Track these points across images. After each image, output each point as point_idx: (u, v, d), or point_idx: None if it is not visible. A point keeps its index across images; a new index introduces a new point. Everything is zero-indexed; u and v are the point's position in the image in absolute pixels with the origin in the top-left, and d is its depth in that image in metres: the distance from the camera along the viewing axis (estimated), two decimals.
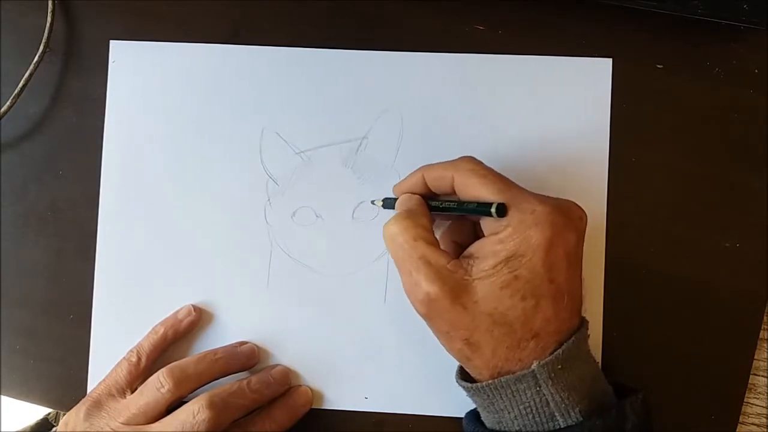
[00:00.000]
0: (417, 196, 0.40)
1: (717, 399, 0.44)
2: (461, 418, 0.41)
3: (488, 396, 0.36)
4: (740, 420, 0.44)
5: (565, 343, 0.35)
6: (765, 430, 0.44)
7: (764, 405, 0.44)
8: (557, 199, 0.37)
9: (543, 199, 0.36)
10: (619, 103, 0.45)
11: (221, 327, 0.46)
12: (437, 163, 0.39)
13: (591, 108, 0.45)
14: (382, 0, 0.46)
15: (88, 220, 0.46)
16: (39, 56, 0.46)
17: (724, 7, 0.41)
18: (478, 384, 0.36)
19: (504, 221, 0.35)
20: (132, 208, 0.46)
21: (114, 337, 0.46)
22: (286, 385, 0.45)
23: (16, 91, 0.46)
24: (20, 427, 0.48)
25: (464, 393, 0.38)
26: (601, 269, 0.44)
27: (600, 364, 0.44)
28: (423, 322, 0.37)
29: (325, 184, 0.46)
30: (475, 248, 0.36)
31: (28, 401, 0.47)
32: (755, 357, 0.44)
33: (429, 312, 0.36)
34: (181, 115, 0.46)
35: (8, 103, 0.46)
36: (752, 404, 0.44)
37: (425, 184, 0.39)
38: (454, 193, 0.38)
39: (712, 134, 0.44)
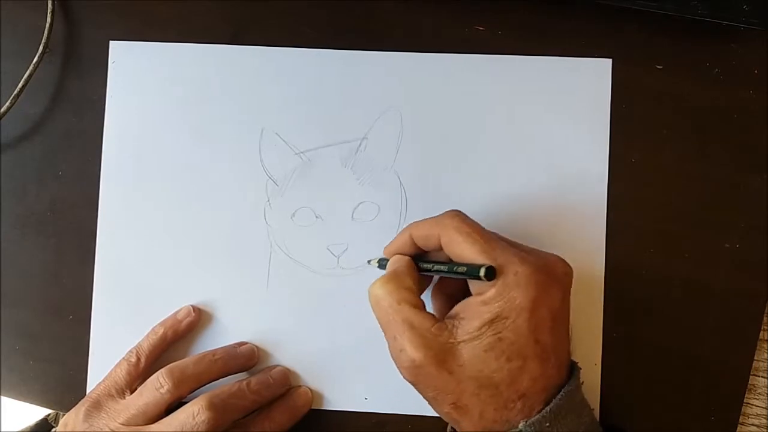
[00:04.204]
0: (406, 257, 0.39)
1: (717, 399, 0.44)
2: None
3: None
4: (740, 420, 0.44)
5: (553, 400, 0.35)
6: (765, 430, 0.44)
7: (764, 405, 0.44)
8: (541, 255, 0.37)
9: (525, 258, 0.35)
10: (619, 103, 0.45)
11: (221, 327, 0.45)
12: (424, 221, 0.39)
13: (591, 108, 0.45)
14: (382, 0, 0.46)
15: (88, 220, 0.46)
16: (39, 57, 0.46)
17: (724, 8, 0.41)
18: None
19: (489, 282, 0.35)
20: (132, 208, 0.46)
21: (113, 338, 0.45)
22: (285, 385, 0.44)
23: (15, 92, 0.46)
24: (20, 428, 0.48)
25: None
26: (601, 269, 0.44)
27: (600, 366, 0.44)
28: None
29: (325, 184, 0.46)
30: (460, 308, 0.36)
31: (27, 402, 0.47)
32: (755, 357, 0.44)
33: (415, 378, 0.36)
34: (180, 115, 0.46)
35: (8, 104, 0.46)
36: (752, 405, 0.44)
37: (413, 243, 0.39)
38: (442, 248, 0.38)
39: (711, 134, 0.44)
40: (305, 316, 0.45)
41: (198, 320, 0.45)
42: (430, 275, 0.40)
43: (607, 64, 0.45)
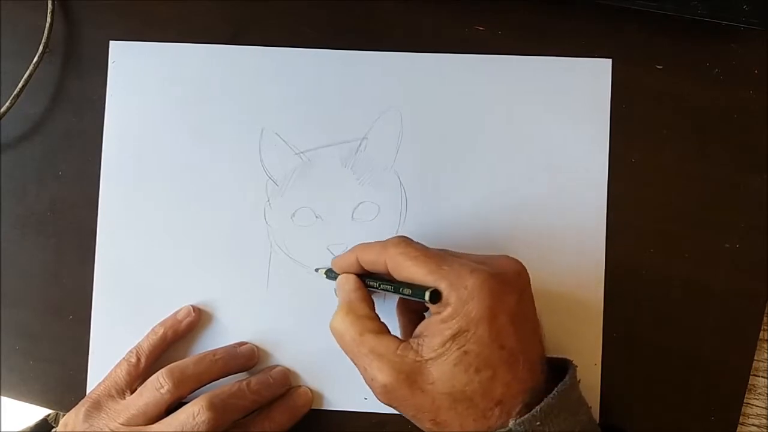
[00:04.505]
0: (353, 278, 0.40)
1: (717, 399, 0.44)
2: None
3: None
4: (740, 420, 0.44)
5: (545, 399, 0.35)
6: (765, 430, 0.44)
7: (764, 406, 0.44)
8: (492, 261, 0.37)
9: (475, 269, 0.35)
10: (619, 103, 0.45)
11: (221, 327, 0.45)
12: (370, 245, 0.39)
13: (591, 108, 0.45)
14: (382, 0, 0.46)
15: (88, 220, 0.46)
16: (38, 57, 0.46)
17: (724, 8, 0.41)
18: None
19: (443, 301, 0.35)
20: (132, 208, 0.46)
21: (114, 338, 0.45)
22: (285, 385, 0.44)
23: (15, 92, 0.45)
24: (20, 428, 0.48)
25: None
26: (601, 269, 0.44)
27: (600, 366, 0.44)
28: None
29: (325, 184, 0.46)
30: (423, 327, 0.36)
31: (27, 402, 0.47)
32: (755, 358, 0.44)
33: (391, 401, 0.36)
34: (180, 115, 0.46)
35: (8, 104, 0.46)
36: (752, 405, 0.44)
37: (360, 266, 0.39)
38: (389, 273, 0.38)
39: (711, 134, 0.44)
40: (305, 316, 0.45)
41: (198, 320, 0.45)
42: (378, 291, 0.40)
43: (607, 64, 0.45)
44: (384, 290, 0.38)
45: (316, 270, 0.45)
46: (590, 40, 0.45)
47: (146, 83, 0.46)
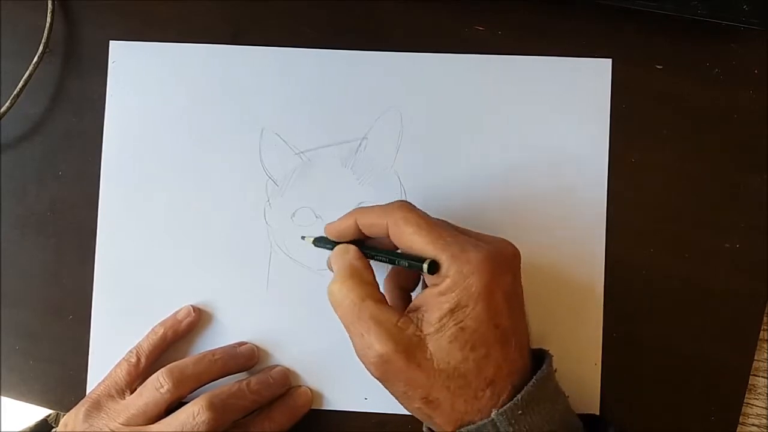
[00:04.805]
0: (353, 248, 0.39)
1: (717, 399, 0.44)
2: None
3: None
4: (740, 420, 0.44)
5: (525, 387, 0.35)
6: (765, 430, 0.44)
7: (764, 405, 0.44)
8: (490, 240, 0.37)
9: (476, 245, 0.35)
10: (619, 103, 0.45)
11: (221, 327, 0.46)
12: (370, 208, 0.39)
13: (591, 108, 0.45)
14: (382, 0, 0.46)
15: (88, 220, 0.46)
16: (38, 57, 0.46)
17: (724, 8, 0.41)
18: None
19: (442, 273, 0.35)
20: (132, 208, 0.46)
21: (113, 338, 0.45)
22: (285, 385, 0.45)
23: (15, 92, 0.46)
24: (20, 428, 0.48)
25: None
26: (601, 269, 0.44)
27: (600, 366, 0.44)
28: None
29: (325, 184, 0.46)
30: (420, 301, 0.36)
31: (27, 402, 0.47)
32: (755, 357, 0.44)
33: (384, 374, 0.35)
34: (180, 115, 0.46)
35: (8, 104, 0.46)
36: (752, 405, 0.44)
37: (358, 229, 0.39)
38: (389, 237, 0.37)
39: (711, 134, 0.44)
40: (305, 316, 0.45)
41: (198, 320, 0.45)
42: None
43: (607, 64, 0.45)
44: (380, 261, 0.38)
45: (303, 238, 0.44)
46: (590, 40, 0.45)
47: (146, 83, 0.46)
